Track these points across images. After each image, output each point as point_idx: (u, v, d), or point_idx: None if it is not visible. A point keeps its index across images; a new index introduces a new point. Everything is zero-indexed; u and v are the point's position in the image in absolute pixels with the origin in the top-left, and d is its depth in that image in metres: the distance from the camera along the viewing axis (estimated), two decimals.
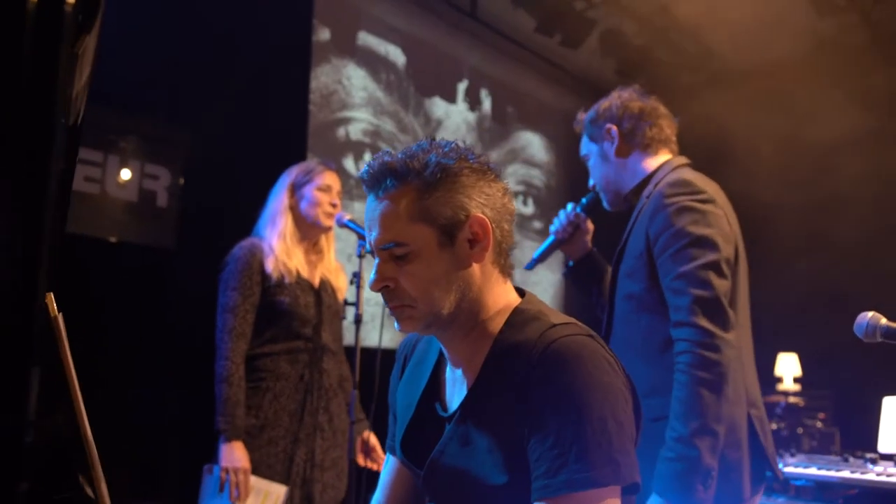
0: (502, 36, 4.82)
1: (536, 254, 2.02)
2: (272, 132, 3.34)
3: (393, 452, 1.22)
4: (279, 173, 2.40)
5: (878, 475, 2.07)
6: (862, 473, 2.09)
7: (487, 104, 4.83)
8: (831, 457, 2.35)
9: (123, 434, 2.36)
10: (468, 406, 1.04)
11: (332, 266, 2.42)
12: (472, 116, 4.71)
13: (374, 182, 1.03)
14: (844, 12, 4.26)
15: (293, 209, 2.31)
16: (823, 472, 2.14)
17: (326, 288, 2.35)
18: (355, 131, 3.94)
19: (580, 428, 0.91)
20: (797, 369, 4.39)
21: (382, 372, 2.27)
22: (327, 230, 2.36)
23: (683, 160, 1.83)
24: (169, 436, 2.95)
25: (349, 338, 3.55)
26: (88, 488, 0.70)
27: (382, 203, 1.02)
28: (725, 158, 4.05)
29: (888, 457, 2.18)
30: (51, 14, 0.51)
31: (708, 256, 1.57)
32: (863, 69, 3.79)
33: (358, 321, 2.31)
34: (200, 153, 3.10)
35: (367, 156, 3.99)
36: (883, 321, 1.25)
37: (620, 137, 1.83)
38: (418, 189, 1.01)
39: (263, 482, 2.12)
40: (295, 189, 2.32)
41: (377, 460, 2.36)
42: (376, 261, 1.05)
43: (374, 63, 4.10)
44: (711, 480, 1.48)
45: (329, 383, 2.29)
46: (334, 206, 2.32)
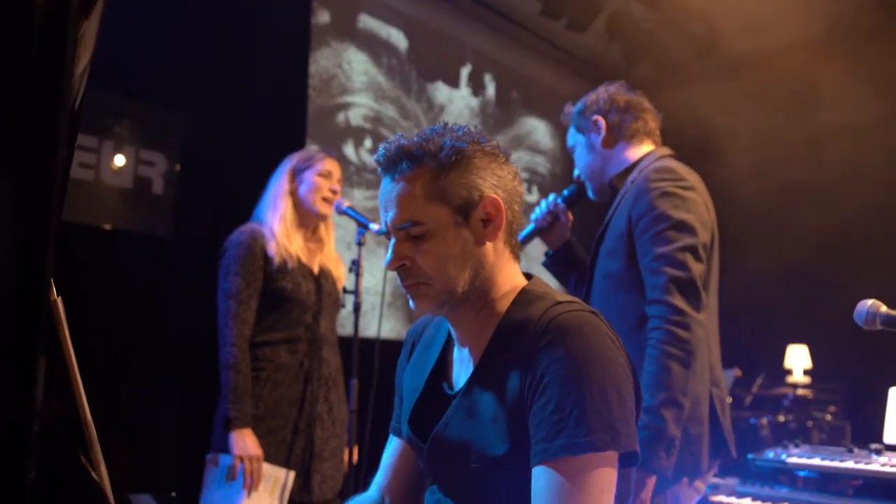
0: (507, 19, 4.74)
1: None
2: (270, 118, 3.30)
3: (396, 434, 1.25)
4: (278, 160, 2.38)
5: (883, 465, 2.03)
6: (866, 464, 2.05)
7: (491, 89, 4.77)
8: (835, 447, 2.32)
9: (119, 425, 2.35)
10: (474, 379, 1.08)
11: (332, 255, 2.41)
12: (476, 102, 4.65)
13: (390, 164, 1.08)
14: None
15: (293, 194, 2.29)
16: (826, 463, 2.10)
17: (326, 276, 2.34)
18: (355, 117, 3.90)
19: (580, 395, 0.95)
20: (808, 361, 4.33)
21: (381, 362, 2.26)
22: (324, 217, 2.35)
23: (667, 151, 1.91)
24: (167, 427, 2.95)
25: (346, 328, 3.55)
26: (92, 471, 0.70)
27: (399, 184, 1.06)
28: (731, 143, 3.99)
29: (893, 447, 2.14)
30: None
31: (686, 240, 1.67)
32: (879, 51, 3.70)
33: (357, 309, 2.29)
34: (197, 139, 3.07)
35: (368, 142, 3.95)
36: (883, 308, 1.26)
37: (607, 129, 1.91)
38: (433, 170, 1.05)
39: (269, 467, 2.13)
40: (295, 174, 2.31)
41: None
42: (392, 241, 1.08)
43: (376, 47, 4.04)
44: (674, 449, 1.60)
45: (328, 373, 2.28)
46: (334, 193, 2.31)
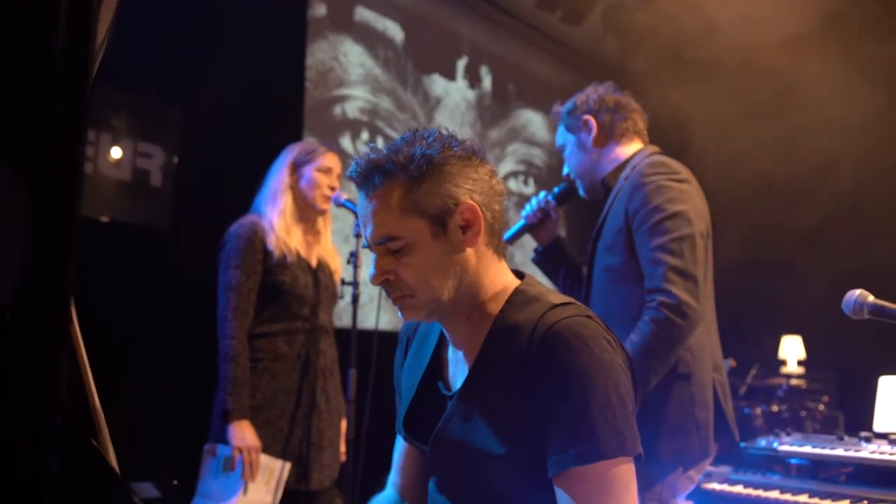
0: (503, 11, 4.74)
1: (507, 236, 2.11)
2: (268, 110, 3.30)
3: (401, 434, 1.26)
4: (275, 152, 2.38)
5: (872, 453, 2.06)
6: (856, 451, 2.08)
7: (487, 81, 4.78)
8: (826, 436, 2.35)
9: (118, 415, 2.37)
10: (470, 383, 1.08)
11: (329, 248, 2.43)
12: (472, 94, 4.66)
13: (363, 180, 1.06)
14: None
15: (293, 188, 2.30)
16: (817, 451, 2.14)
17: (324, 269, 2.36)
18: (352, 109, 3.90)
19: (586, 405, 0.96)
20: (801, 352, 4.37)
21: (380, 353, 2.28)
22: (323, 213, 2.36)
23: (656, 148, 1.96)
24: (165, 418, 2.96)
25: (345, 318, 3.57)
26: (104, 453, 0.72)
27: (373, 201, 1.06)
28: (726, 135, 4.01)
29: (883, 435, 2.18)
30: None
31: (682, 230, 1.72)
32: (874, 41, 3.71)
33: (355, 300, 2.31)
34: (195, 132, 3.08)
35: (365, 135, 3.95)
36: (870, 298, 1.26)
37: (597, 128, 1.95)
38: (405, 183, 1.04)
39: (264, 458, 2.15)
40: (295, 168, 2.31)
41: None
42: (373, 256, 1.08)
43: (372, 39, 4.04)
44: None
45: (325, 364, 2.30)
46: (333, 189, 2.32)
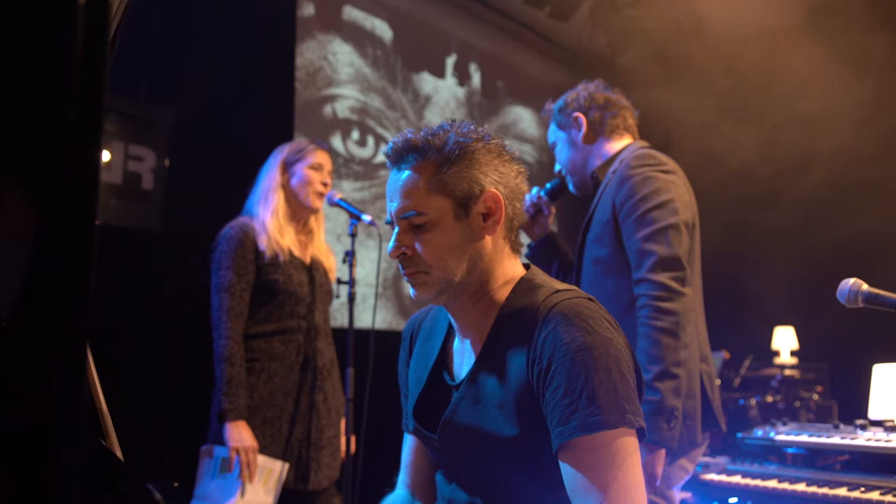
0: (491, 8, 4.74)
1: None
2: (258, 111, 3.29)
3: (409, 431, 1.28)
4: (267, 153, 2.38)
5: (868, 440, 2.08)
6: (852, 439, 2.10)
7: (477, 79, 4.78)
8: (821, 424, 2.37)
9: (113, 417, 2.35)
10: (478, 367, 1.11)
11: (323, 247, 2.43)
12: (462, 91, 4.66)
13: (398, 157, 1.12)
14: None
15: (285, 187, 2.30)
16: (814, 439, 2.16)
17: (318, 267, 2.36)
18: (342, 109, 3.89)
19: (588, 378, 0.99)
20: (794, 342, 4.40)
21: (377, 351, 2.28)
22: (315, 211, 2.36)
23: (645, 143, 1.98)
24: (160, 420, 2.95)
25: (339, 318, 3.56)
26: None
27: (403, 175, 1.11)
28: (720, 127, 4.03)
29: (878, 423, 2.20)
30: None
31: (669, 219, 1.74)
32: (861, 32, 3.74)
33: (351, 299, 2.31)
34: (185, 134, 3.06)
35: (356, 134, 3.94)
36: (864, 287, 1.29)
37: (587, 125, 1.99)
38: (437, 163, 1.10)
39: (262, 459, 2.14)
40: (286, 167, 2.31)
41: None
42: (395, 230, 1.13)
43: (360, 38, 4.03)
44: (675, 420, 1.65)
45: (322, 363, 2.30)
46: (325, 186, 2.32)
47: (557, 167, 2.09)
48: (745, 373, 4.22)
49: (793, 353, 4.39)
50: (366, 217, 2.33)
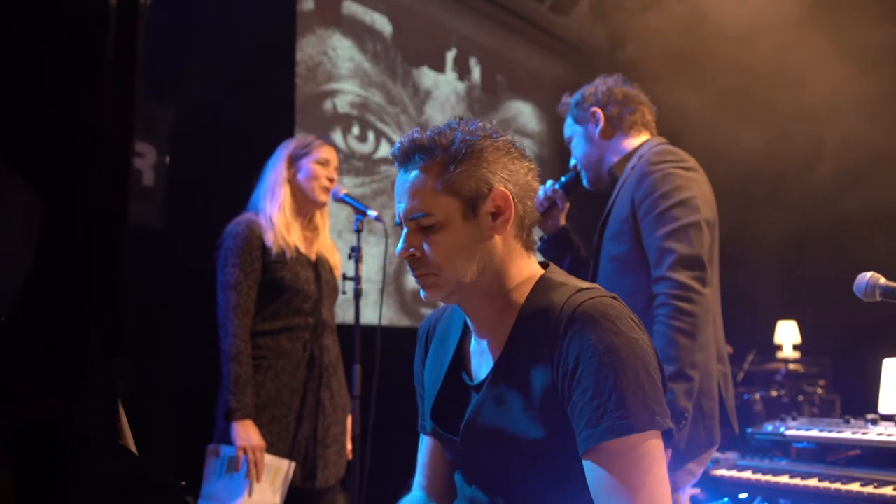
0: (491, 2, 4.72)
1: None
2: (259, 107, 3.27)
3: (425, 432, 1.25)
4: (268, 148, 2.36)
5: (879, 435, 2.07)
6: (863, 434, 2.09)
7: (477, 73, 4.75)
8: (831, 419, 2.36)
9: None
10: (500, 369, 1.09)
11: (328, 243, 2.42)
12: (462, 86, 4.63)
13: (405, 157, 1.10)
14: None
15: (291, 182, 2.28)
16: (825, 435, 2.15)
17: (323, 264, 2.34)
18: (342, 104, 3.86)
19: (616, 380, 0.98)
20: (797, 336, 4.40)
21: (383, 348, 2.26)
22: (322, 205, 2.34)
23: (663, 139, 1.97)
24: (164, 419, 2.93)
25: (341, 315, 3.54)
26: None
27: (411, 176, 1.09)
28: (718, 122, 4.01)
29: (888, 417, 2.19)
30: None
31: (689, 217, 1.72)
32: (864, 25, 3.72)
33: (357, 296, 2.30)
34: (185, 130, 3.03)
35: (356, 129, 3.92)
36: (882, 280, 1.34)
37: (605, 120, 1.96)
38: (444, 163, 1.08)
39: (269, 458, 2.12)
40: (293, 161, 2.29)
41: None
42: (404, 230, 1.11)
43: (360, 33, 4.00)
44: (685, 422, 1.63)
45: (328, 360, 2.28)
46: (331, 181, 2.30)
47: (573, 161, 2.07)
48: (749, 367, 4.21)
49: (795, 348, 4.39)
50: (371, 212, 2.31)
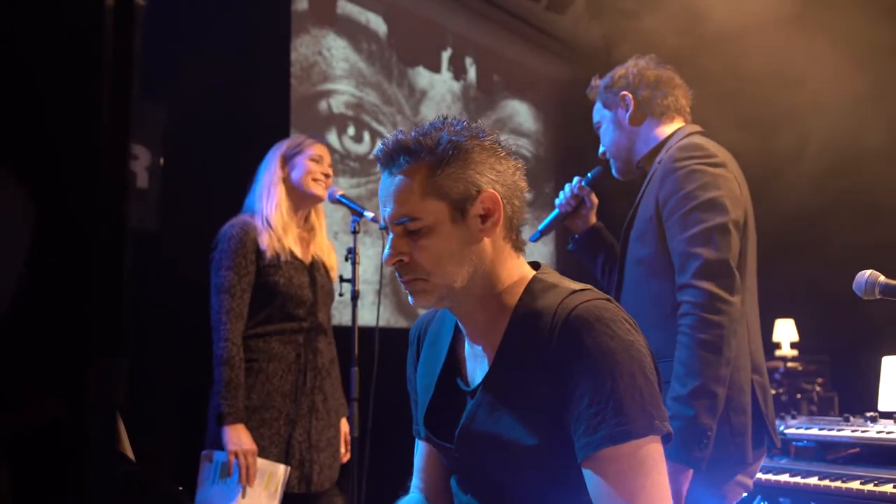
0: (486, 1, 4.70)
1: (541, 227, 2.03)
2: (253, 108, 3.25)
3: (420, 437, 1.23)
4: (262, 150, 2.34)
5: (879, 433, 2.07)
6: (863, 432, 2.09)
7: (472, 73, 4.74)
8: (831, 417, 2.36)
9: None
10: (494, 374, 1.07)
11: (324, 244, 2.40)
12: (458, 86, 4.62)
13: (389, 159, 1.06)
14: None
15: (286, 181, 2.26)
16: (825, 433, 2.14)
17: (319, 267, 2.33)
18: (338, 104, 3.85)
19: (613, 385, 0.96)
20: (794, 335, 4.40)
21: (382, 351, 2.24)
22: (319, 200, 2.33)
23: (696, 128, 1.82)
24: (159, 423, 2.91)
25: (338, 316, 3.52)
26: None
27: (396, 179, 1.05)
28: (715, 121, 4.00)
29: (888, 415, 2.18)
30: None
31: (716, 219, 1.58)
32: (862, 21, 3.71)
33: (354, 298, 2.28)
34: (179, 132, 3.01)
35: (351, 129, 3.90)
36: (881, 278, 1.33)
37: (635, 105, 1.83)
38: (430, 165, 1.04)
39: (263, 462, 2.10)
40: (286, 160, 2.28)
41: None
42: (390, 236, 1.08)
43: (355, 33, 3.98)
44: (707, 441, 1.50)
45: (322, 363, 2.27)
46: (327, 177, 2.29)
47: (601, 150, 1.93)
48: None
49: (793, 346, 4.39)
50: (368, 213, 2.29)
